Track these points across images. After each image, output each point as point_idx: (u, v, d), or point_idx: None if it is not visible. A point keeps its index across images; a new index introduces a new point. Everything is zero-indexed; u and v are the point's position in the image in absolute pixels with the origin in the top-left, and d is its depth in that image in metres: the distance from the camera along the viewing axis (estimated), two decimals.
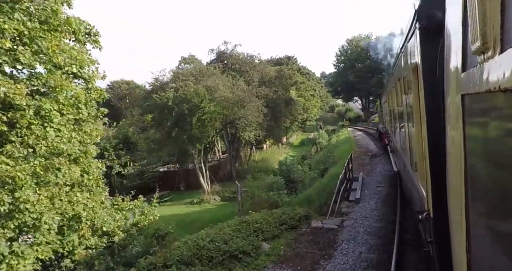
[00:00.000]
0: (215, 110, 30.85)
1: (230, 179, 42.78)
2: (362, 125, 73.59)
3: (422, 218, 4.95)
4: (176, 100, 29.85)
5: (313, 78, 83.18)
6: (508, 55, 1.36)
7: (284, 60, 79.66)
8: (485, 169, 1.96)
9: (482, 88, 1.69)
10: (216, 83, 31.44)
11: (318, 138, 57.80)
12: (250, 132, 34.46)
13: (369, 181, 20.44)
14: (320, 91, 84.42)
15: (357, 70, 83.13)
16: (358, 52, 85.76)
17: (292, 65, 73.40)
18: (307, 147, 62.31)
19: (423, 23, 4.31)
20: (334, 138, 56.52)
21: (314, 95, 74.41)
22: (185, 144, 31.22)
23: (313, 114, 73.52)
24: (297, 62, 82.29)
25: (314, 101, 72.48)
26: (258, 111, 34.55)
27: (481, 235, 2.10)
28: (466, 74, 2.05)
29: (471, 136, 2.16)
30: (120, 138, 40.76)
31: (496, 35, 1.50)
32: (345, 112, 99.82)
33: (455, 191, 2.62)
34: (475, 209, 2.18)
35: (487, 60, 1.62)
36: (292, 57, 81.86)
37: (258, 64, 41.24)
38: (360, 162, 28.40)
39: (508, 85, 1.33)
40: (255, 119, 33.57)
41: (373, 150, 34.80)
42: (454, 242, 2.92)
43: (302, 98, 66.04)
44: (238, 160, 47.26)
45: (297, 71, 73.06)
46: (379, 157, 29.31)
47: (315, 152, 53.09)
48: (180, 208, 34.14)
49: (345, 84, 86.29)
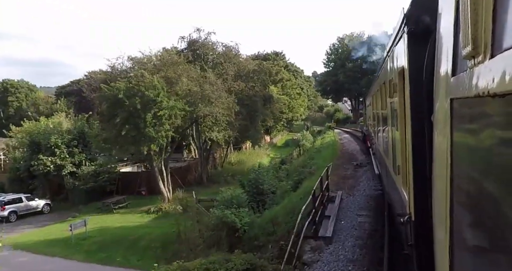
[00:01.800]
0: (174, 105, 25.77)
1: (200, 183, 37.75)
2: (350, 127, 68.75)
3: (403, 221, 4.85)
4: (128, 92, 24.70)
5: (301, 76, 78.28)
6: (498, 60, 1.36)
7: (272, 56, 74.75)
8: (470, 174, 1.95)
9: (471, 93, 1.69)
10: (178, 75, 26.35)
11: (302, 139, 52.95)
12: (219, 133, 29.36)
13: (348, 203, 15.57)
14: (308, 90, 79.47)
15: (347, 70, 78.46)
16: (349, 51, 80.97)
17: (279, 61, 68.45)
18: (291, 148, 57.42)
19: (412, 27, 4.28)
20: (318, 140, 51.79)
21: (301, 94, 69.45)
22: (137, 144, 26.11)
23: (299, 114, 68.56)
24: (285, 58, 77.31)
25: (301, 100, 67.55)
26: (229, 109, 29.57)
27: (463, 241, 2.10)
28: (456, 79, 2.08)
29: (458, 140, 2.17)
30: (75, 133, 35.46)
31: (487, 40, 1.50)
32: (334, 113, 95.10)
33: (440, 195, 2.63)
34: (459, 214, 2.18)
35: (477, 65, 1.63)
36: (280, 53, 76.84)
37: (234, 56, 36.09)
38: (341, 173, 23.54)
39: (497, 90, 1.34)
40: (224, 118, 28.56)
41: (358, 158, 29.96)
42: (438, 247, 2.90)
43: (287, 96, 61.13)
44: (212, 162, 42.20)
45: (284, 68, 68.13)
46: (364, 167, 24.49)
47: (297, 154, 48.26)
48: (134, 217, 29.04)
49: (335, 84, 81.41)
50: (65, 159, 33.92)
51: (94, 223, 27.69)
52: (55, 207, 34.10)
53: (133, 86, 24.85)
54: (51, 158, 33.54)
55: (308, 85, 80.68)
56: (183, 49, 35.47)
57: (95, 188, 33.57)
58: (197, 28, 35.64)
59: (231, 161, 44.30)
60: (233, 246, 18.02)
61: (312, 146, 48.81)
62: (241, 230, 18.07)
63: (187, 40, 35.80)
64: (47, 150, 33.77)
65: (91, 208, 32.50)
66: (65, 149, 34.09)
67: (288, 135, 77.14)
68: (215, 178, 38.91)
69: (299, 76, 76.67)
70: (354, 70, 77.65)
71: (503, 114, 1.39)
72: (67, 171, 33.98)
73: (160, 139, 25.60)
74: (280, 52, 77.40)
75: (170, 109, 25.64)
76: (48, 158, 33.45)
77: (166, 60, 27.84)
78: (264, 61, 49.77)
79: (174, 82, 26.69)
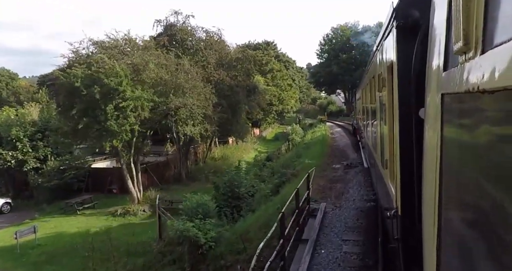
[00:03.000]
0: (141, 96, 22.31)
1: (179, 181, 34.44)
2: (343, 120, 65.42)
3: (390, 215, 4.85)
4: (86, 80, 21.18)
5: (293, 67, 74.64)
6: (489, 56, 1.36)
7: (263, 46, 71.20)
8: (460, 169, 1.94)
9: (461, 89, 1.69)
10: (145, 61, 22.87)
11: (292, 133, 49.72)
12: (194, 127, 25.93)
13: (333, 219, 12.37)
14: (300, 81, 75.92)
15: (341, 61, 74.84)
16: (343, 42, 77.36)
17: (269, 51, 64.86)
18: (281, 142, 54.16)
19: (401, 21, 4.23)
20: (309, 134, 48.58)
21: (292, 85, 65.96)
22: (99, 139, 22.70)
23: (290, 106, 65.16)
24: (276, 48, 73.66)
25: (292, 92, 64.07)
26: (206, 100, 26.18)
27: (451, 235, 2.09)
28: (447, 74, 2.07)
29: (448, 135, 2.15)
30: (40, 126, 31.88)
31: (478, 36, 1.50)
32: (327, 106, 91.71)
33: (429, 189, 2.63)
34: (447, 209, 2.17)
35: (468, 61, 1.62)
36: (271, 43, 73.17)
37: (216, 43, 32.47)
38: (329, 175, 20.39)
39: (486, 86, 1.33)
40: (200, 110, 25.16)
41: (349, 156, 26.81)
42: (426, 240, 2.87)
43: (277, 88, 57.71)
44: (194, 157, 38.86)
45: (274, 58, 64.57)
46: (355, 167, 21.36)
47: (286, 149, 45.01)
48: (98, 220, 25.68)
49: (328, 75, 77.80)
50: (28, 154, 30.41)
51: (50, 227, 24.37)
52: (17, 206, 30.58)
53: (92, 73, 21.30)
54: (12, 152, 30.05)
55: (300, 77, 77.13)
56: (159, 34, 31.81)
57: (60, 185, 30.13)
58: (174, 11, 31.93)
59: (215, 156, 40.94)
60: (196, 264, 15.00)
61: (302, 140, 45.63)
62: (206, 246, 14.85)
63: (163, 24, 32.13)
64: (8, 144, 30.27)
65: (55, 208, 29.11)
66: (27, 142, 30.54)
67: (279, 128, 73.77)
68: (195, 174, 35.60)
69: (291, 67, 73.04)
70: (348, 62, 74.30)
71: (492, 110, 1.41)
72: (30, 167, 30.51)
73: (124, 134, 22.16)
74: (272, 42, 73.77)
75: (136, 100, 22.19)
76: (9, 152, 29.96)
77: (133, 45, 24.27)
78: (254, 50, 46.34)
79: (141, 70, 23.23)
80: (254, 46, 69.59)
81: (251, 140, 52.89)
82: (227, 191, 20.41)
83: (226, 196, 20.28)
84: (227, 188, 20.56)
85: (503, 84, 1.16)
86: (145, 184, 32.04)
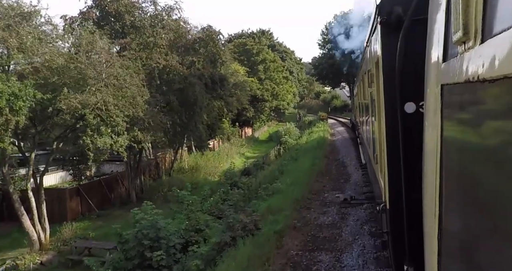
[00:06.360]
0: (12, 91, 13.33)
1: (127, 203, 25.49)
2: (347, 116, 55.78)
3: (379, 209, 4.83)
4: None
5: (291, 57, 65.00)
6: (488, 45, 1.33)
7: (257, 35, 61.87)
8: (460, 161, 1.87)
9: (461, 79, 1.64)
10: (23, 39, 13.86)
11: (284, 134, 40.48)
12: (119, 136, 16.75)
13: None
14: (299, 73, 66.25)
15: None
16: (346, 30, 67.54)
17: (262, 40, 55.47)
18: (275, 144, 44.93)
19: (384, 18, 4.25)
20: (305, 135, 39.28)
21: (289, 78, 56.43)
22: None
23: (287, 102, 55.72)
24: (272, 37, 64.20)
25: (288, 86, 54.55)
26: (138, 97, 17.17)
27: (452, 228, 2.05)
28: (447, 64, 2.02)
29: (448, 127, 2.08)
30: None
31: (477, 25, 1.47)
32: (331, 100, 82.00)
33: (430, 181, 2.52)
34: (448, 200, 2.09)
35: (468, 51, 1.59)
36: (266, 32, 63.71)
37: (171, 21, 23.18)
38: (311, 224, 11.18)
39: (486, 75, 1.31)
40: (120, 111, 16.04)
41: (351, 175, 17.59)
42: (427, 233, 2.73)
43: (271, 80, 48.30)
44: (154, 170, 29.76)
45: (268, 47, 55.10)
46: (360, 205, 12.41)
47: (276, 155, 35.79)
48: None
49: (331, 67, 68.07)
50: None
51: None
52: None
53: None
54: None
55: (299, 68, 67.38)
56: (89, 7, 22.72)
57: None
58: None
59: (184, 167, 31.76)
60: None
61: (297, 143, 36.48)
62: None
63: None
64: None
65: None
66: None
67: (277, 126, 64.43)
68: (151, 193, 26.50)
69: (289, 58, 63.46)
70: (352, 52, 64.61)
71: (492, 100, 1.39)
72: None
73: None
74: (267, 31, 64.32)
75: (4, 96, 13.30)
76: None
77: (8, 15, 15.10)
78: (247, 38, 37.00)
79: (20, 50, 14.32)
80: (249, 35, 60.42)
81: (238, 142, 43.68)
82: (134, 255, 11.36)
83: (131, 264, 11.27)
84: (134, 248, 11.49)
85: (503, 73, 1.14)
86: (77, 210, 23.21)
